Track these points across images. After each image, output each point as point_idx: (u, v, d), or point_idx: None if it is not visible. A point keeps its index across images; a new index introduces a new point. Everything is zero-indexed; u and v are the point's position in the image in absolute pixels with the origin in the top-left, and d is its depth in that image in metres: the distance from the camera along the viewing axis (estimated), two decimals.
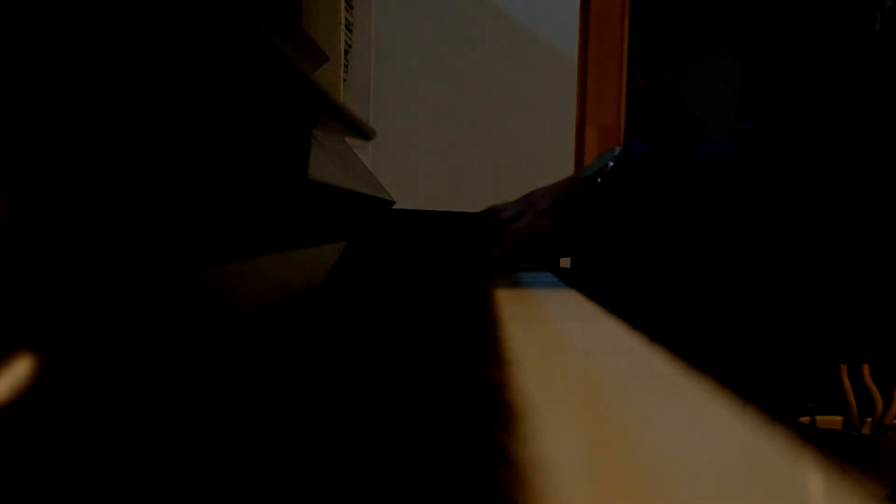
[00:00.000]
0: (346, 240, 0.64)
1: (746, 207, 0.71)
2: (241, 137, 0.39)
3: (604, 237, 0.81)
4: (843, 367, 1.08)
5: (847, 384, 1.08)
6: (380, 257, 0.80)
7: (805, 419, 1.11)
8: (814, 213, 0.69)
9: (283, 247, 0.45)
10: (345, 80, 0.96)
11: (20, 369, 0.18)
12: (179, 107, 0.32)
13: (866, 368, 1.07)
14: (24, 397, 0.17)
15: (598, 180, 0.79)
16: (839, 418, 1.11)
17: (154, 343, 0.25)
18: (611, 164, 0.79)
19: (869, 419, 1.09)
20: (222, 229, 0.36)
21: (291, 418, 0.24)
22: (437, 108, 1.74)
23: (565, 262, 0.99)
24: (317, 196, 0.54)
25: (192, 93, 0.33)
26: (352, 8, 1.04)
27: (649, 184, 0.76)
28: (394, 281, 0.67)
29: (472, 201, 1.57)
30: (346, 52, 1.01)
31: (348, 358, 0.33)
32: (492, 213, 0.88)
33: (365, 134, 0.72)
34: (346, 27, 0.99)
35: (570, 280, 0.73)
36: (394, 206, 0.97)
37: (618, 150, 0.81)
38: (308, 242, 0.52)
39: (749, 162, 0.71)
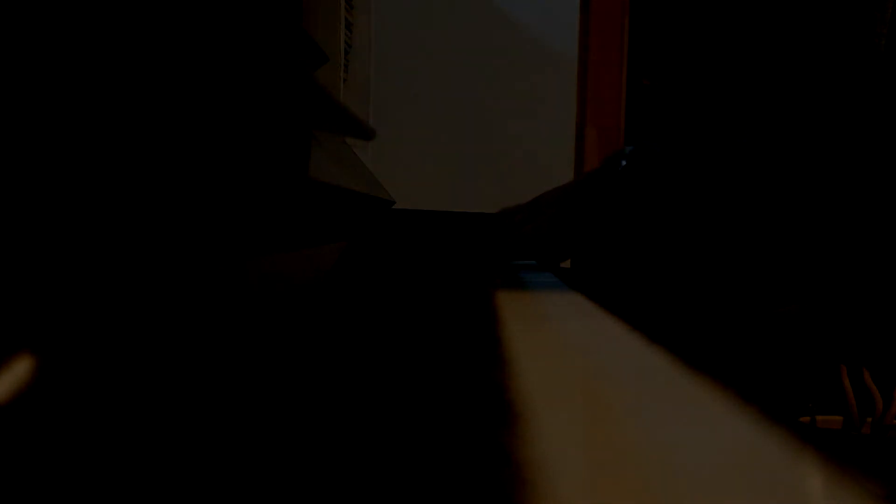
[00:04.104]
0: (346, 240, 0.64)
1: (763, 206, 0.71)
2: (241, 137, 0.39)
3: (618, 239, 0.81)
4: (844, 367, 1.08)
5: (847, 384, 1.08)
6: (380, 257, 0.80)
7: (805, 419, 1.11)
8: (823, 213, 0.69)
9: (283, 247, 0.45)
10: (345, 80, 0.96)
11: (20, 369, 0.18)
12: (179, 106, 0.32)
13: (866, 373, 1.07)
14: (24, 397, 0.17)
15: (615, 180, 0.78)
16: (839, 418, 1.11)
17: (152, 343, 0.25)
18: (623, 163, 0.78)
19: (869, 419, 1.09)
20: (221, 229, 0.36)
21: (292, 418, 0.24)
22: (437, 108, 1.74)
23: (565, 262, 0.99)
24: (317, 196, 0.54)
25: (193, 92, 0.33)
26: (352, 8, 1.04)
27: (672, 178, 0.75)
28: (394, 281, 0.67)
29: (472, 201, 1.56)
30: (346, 52, 1.01)
31: (348, 358, 0.33)
32: (504, 215, 0.87)
33: (365, 134, 0.72)
34: (346, 27, 0.99)
35: (570, 280, 0.73)
36: (394, 206, 0.97)
37: (628, 149, 0.80)
38: (308, 242, 0.52)
39: (763, 165, 0.71)
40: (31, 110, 0.21)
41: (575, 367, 0.34)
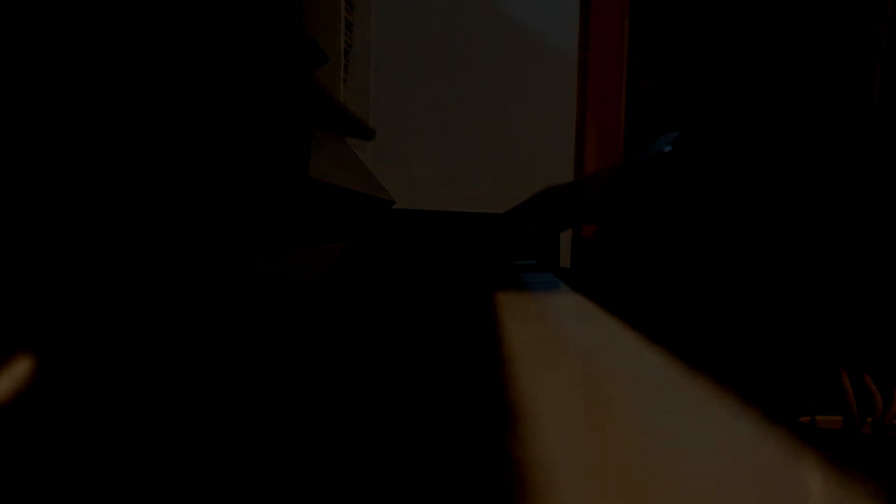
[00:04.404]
0: (346, 240, 0.64)
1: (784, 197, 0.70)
2: (241, 137, 0.39)
3: (661, 224, 0.79)
4: (843, 371, 1.08)
5: (847, 384, 1.08)
6: (380, 257, 0.80)
7: (805, 419, 1.11)
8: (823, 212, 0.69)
9: (283, 247, 0.45)
10: (345, 80, 0.96)
11: (20, 369, 0.18)
12: (179, 107, 0.32)
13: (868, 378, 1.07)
14: (24, 397, 0.17)
15: (660, 164, 0.75)
16: (839, 418, 1.11)
17: (154, 342, 0.25)
18: (667, 148, 0.76)
19: (869, 419, 1.09)
20: (220, 229, 0.36)
21: (292, 419, 0.24)
22: (437, 108, 1.74)
23: (565, 262, 0.99)
24: (317, 196, 0.54)
25: (193, 92, 0.33)
26: (352, 8, 1.04)
27: (717, 163, 0.73)
28: (394, 281, 0.67)
29: (472, 201, 1.56)
30: (346, 52, 1.01)
31: (348, 359, 0.33)
32: (546, 194, 0.85)
33: (365, 134, 0.72)
34: (346, 27, 0.99)
35: (570, 280, 0.73)
36: (394, 206, 0.97)
37: (672, 135, 0.78)
38: (308, 242, 0.52)
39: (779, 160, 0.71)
40: (33, 112, 0.21)
41: (575, 368, 0.34)
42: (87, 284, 0.22)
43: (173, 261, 0.29)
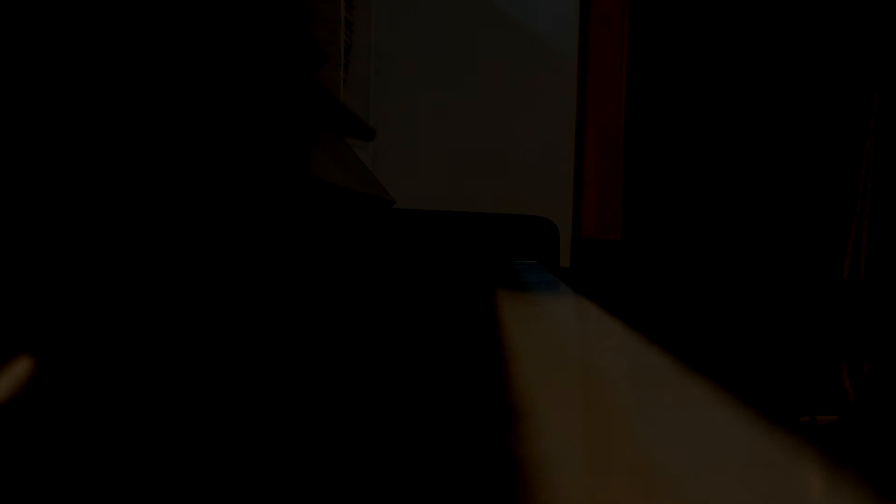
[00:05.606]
0: (346, 239, 0.64)
1: None
2: (241, 137, 0.39)
3: None
4: (843, 367, 1.08)
5: (847, 384, 1.08)
6: (380, 257, 0.80)
7: (805, 419, 1.11)
8: None
9: (284, 247, 0.45)
10: (345, 80, 0.96)
11: (20, 369, 0.18)
12: (179, 107, 0.32)
13: (866, 368, 1.07)
14: (23, 396, 0.17)
15: None
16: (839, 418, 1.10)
17: (150, 342, 0.25)
18: None
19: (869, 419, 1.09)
20: (221, 230, 0.36)
21: (297, 418, 0.24)
22: (437, 108, 1.74)
23: (565, 262, 0.99)
24: (317, 196, 0.54)
25: (193, 92, 0.33)
26: (352, 8, 1.04)
27: None
28: (395, 281, 0.67)
29: (472, 201, 1.56)
30: (346, 52, 1.01)
31: (351, 359, 0.33)
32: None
33: (365, 134, 0.72)
34: (346, 27, 0.99)
35: (570, 280, 0.73)
36: (394, 206, 0.97)
37: None
38: (309, 242, 0.52)
39: None
40: (36, 114, 0.21)
41: (574, 367, 0.34)
42: (87, 286, 0.22)
43: (172, 260, 0.29)
